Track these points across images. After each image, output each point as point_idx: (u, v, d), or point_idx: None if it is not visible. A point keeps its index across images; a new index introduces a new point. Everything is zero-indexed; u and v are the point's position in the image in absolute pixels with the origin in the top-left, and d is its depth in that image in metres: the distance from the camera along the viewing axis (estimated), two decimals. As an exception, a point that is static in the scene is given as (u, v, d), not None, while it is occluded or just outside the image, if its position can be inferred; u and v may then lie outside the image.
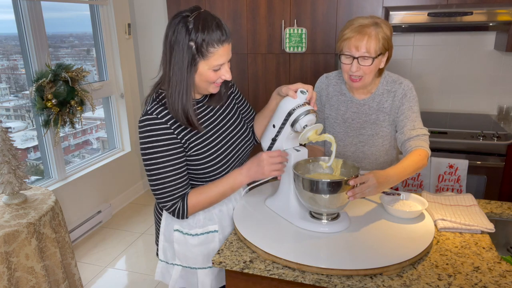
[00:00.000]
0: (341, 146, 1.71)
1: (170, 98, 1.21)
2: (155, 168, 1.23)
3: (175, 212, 1.28)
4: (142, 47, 3.70)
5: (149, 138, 1.21)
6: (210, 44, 1.14)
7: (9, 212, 1.89)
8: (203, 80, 1.21)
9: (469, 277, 1.10)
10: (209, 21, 1.14)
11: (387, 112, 1.63)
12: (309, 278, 1.12)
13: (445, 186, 2.46)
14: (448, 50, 2.97)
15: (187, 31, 1.13)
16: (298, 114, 1.27)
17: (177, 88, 1.18)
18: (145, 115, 1.22)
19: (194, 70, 1.17)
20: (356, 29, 1.47)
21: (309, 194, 1.25)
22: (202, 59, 1.16)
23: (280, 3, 2.88)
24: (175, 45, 1.15)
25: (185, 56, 1.15)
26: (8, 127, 2.04)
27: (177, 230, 1.37)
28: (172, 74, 1.18)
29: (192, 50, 1.14)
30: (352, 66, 1.51)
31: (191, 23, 1.13)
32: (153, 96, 1.27)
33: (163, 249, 1.42)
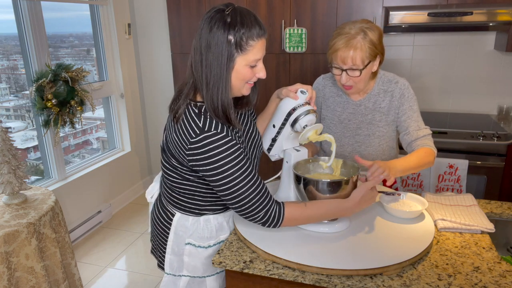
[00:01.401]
0: (338, 146, 1.71)
1: (209, 98, 1.15)
2: (237, 183, 1.15)
3: (271, 217, 1.18)
4: (142, 47, 3.70)
5: (218, 155, 1.13)
6: (250, 37, 1.11)
7: (9, 212, 1.89)
8: (239, 78, 1.16)
9: (469, 277, 1.10)
10: (246, 15, 1.11)
11: (384, 112, 1.63)
12: (309, 278, 1.12)
13: (445, 186, 2.46)
14: (448, 50, 2.97)
15: (225, 25, 1.09)
16: (298, 114, 1.27)
17: (216, 85, 1.13)
18: (201, 133, 1.13)
19: (232, 67, 1.13)
20: (343, 41, 1.45)
21: (309, 194, 1.25)
22: (241, 54, 1.12)
23: (280, 3, 2.88)
24: (212, 41, 1.10)
25: (224, 51, 1.10)
26: (8, 127, 2.04)
27: (189, 243, 1.33)
28: (209, 72, 1.13)
29: (231, 44, 1.10)
30: (341, 78, 1.51)
31: (228, 17, 1.10)
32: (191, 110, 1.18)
33: (169, 262, 1.37)
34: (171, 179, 1.30)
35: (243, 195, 1.16)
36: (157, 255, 1.47)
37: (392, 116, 1.63)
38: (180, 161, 1.22)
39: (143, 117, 3.87)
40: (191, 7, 3.09)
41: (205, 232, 1.33)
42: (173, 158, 1.24)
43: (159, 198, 1.44)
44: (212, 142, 1.13)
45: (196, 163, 1.16)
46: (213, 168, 1.14)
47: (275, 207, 1.19)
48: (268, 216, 1.18)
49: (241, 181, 1.15)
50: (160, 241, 1.41)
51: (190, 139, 1.14)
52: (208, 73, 1.13)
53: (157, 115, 3.85)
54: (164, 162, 1.30)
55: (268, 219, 1.19)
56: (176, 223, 1.34)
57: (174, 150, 1.22)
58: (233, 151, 1.15)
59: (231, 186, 1.15)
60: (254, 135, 1.35)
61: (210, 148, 1.13)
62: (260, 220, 1.19)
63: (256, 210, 1.17)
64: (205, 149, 1.13)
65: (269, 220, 1.19)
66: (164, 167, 1.31)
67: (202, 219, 1.33)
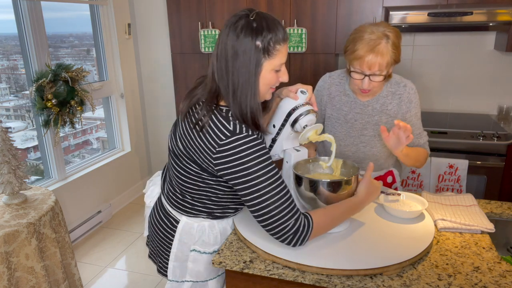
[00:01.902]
0: (341, 146, 1.71)
1: (237, 104, 1.13)
2: (263, 188, 1.11)
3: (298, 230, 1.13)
4: (142, 47, 3.70)
5: (249, 157, 1.10)
6: (276, 42, 1.11)
7: (9, 212, 1.89)
8: (265, 83, 1.15)
9: (469, 277, 1.10)
10: (271, 20, 1.12)
11: (391, 115, 1.63)
12: (309, 278, 1.12)
13: (445, 186, 2.46)
14: (448, 50, 2.97)
15: (252, 31, 1.08)
16: (299, 114, 1.27)
17: (245, 92, 1.12)
18: (232, 136, 1.11)
19: (259, 72, 1.12)
20: (368, 47, 1.43)
21: (309, 194, 1.25)
22: (268, 59, 1.12)
23: (280, 3, 2.88)
24: (239, 48, 1.09)
25: (252, 57, 1.09)
26: (8, 127, 2.04)
27: (194, 250, 1.31)
28: (237, 79, 1.11)
29: (259, 49, 1.09)
30: (363, 83, 1.50)
31: (254, 22, 1.09)
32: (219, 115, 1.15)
33: (172, 269, 1.36)
34: (185, 184, 1.27)
35: (270, 201, 1.11)
36: (157, 260, 1.46)
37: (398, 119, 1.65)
38: (204, 167, 1.19)
39: (143, 117, 3.87)
40: (191, 7, 3.09)
41: (210, 238, 1.33)
42: (193, 164, 1.22)
43: (159, 203, 1.42)
44: (244, 144, 1.10)
45: (224, 166, 1.12)
46: (242, 171, 1.11)
47: (303, 216, 1.15)
48: (298, 225, 1.13)
49: (269, 186, 1.11)
50: (161, 247, 1.40)
51: (219, 141, 1.12)
52: (235, 80, 1.12)
53: (157, 115, 3.85)
54: (178, 167, 1.27)
55: (298, 229, 1.13)
56: (181, 231, 1.33)
57: (197, 156, 1.18)
58: (263, 154, 1.13)
59: (260, 193, 1.11)
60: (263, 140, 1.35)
61: (241, 150, 1.10)
62: (289, 231, 1.12)
63: (285, 219, 1.12)
64: (236, 150, 1.10)
65: (299, 230, 1.13)
66: (178, 172, 1.28)
67: (207, 224, 1.33)
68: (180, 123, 1.27)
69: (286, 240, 1.15)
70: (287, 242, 1.15)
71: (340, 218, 1.22)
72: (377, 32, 1.44)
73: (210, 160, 1.15)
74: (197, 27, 3.11)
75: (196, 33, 3.13)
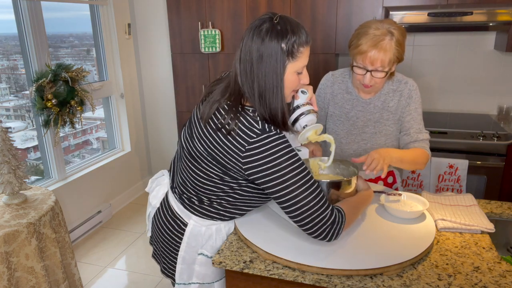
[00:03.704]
0: (343, 143, 1.72)
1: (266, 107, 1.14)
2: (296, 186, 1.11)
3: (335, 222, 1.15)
4: (142, 47, 3.70)
5: (279, 154, 1.11)
6: (300, 44, 1.12)
7: (9, 212, 1.89)
8: (287, 86, 1.16)
9: (469, 277, 1.10)
10: (294, 23, 1.13)
11: (392, 111, 1.64)
12: (309, 278, 1.12)
13: (445, 186, 2.46)
14: (448, 50, 2.97)
15: (277, 34, 1.10)
16: (299, 114, 1.27)
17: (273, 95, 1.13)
18: (263, 133, 1.11)
19: (284, 74, 1.13)
20: (371, 42, 1.44)
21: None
22: (292, 61, 1.13)
23: (280, 3, 2.88)
24: (265, 51, 1.10)
25: (278, 60, 1.11)
26: (8, 127, 2.04)
27: (202, 254, 1.32)
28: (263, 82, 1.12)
29: (284, 52, 1.11)
30: (365, 79, 1.51)
31: (278, 25, 1.10)
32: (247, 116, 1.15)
33: (180, 271, 1.36)
34: (204, 186, 1.26)
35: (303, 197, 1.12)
36: (160, 261, 1.46)
37: (398, 115, 1.65)
38: (228, 169, 1.19)
39: (143, 117, 3.87)
40: (191, 7, 3.09)
41: (218, 242, 1.33)
42: (217, 167, 1.21)
43: (166, 204, 1.40)
44: (273, 141, 1.11)
45: (254, 164, 1.12)
46: (273, 168, 1.11)
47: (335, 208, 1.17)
48: (334, 217, 1.14)
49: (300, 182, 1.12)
50: (167, 249, 1.39)
51: (250, 139, 1.12)
52: (261, 83, 1.12)
53: (157, 115, 3.85)
54: (196, 169, 1.26)
55: (334, 221, 1.14)
56: (189, 234, 1.32)
57: (223, 159, 1.17)
58: (291, 151, 1.13)
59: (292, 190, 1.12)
60: None
61: (271, 147, 1.10)
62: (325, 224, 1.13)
63: (320, 212, 1.13)
64: (266, 148, 1.10)
65: (335, 222, 1.15)
66: (195, 174, 1.26)
67: (215, 228, 1.32)
68: (198, 126, 1.25)
69: (323, 234, 1.15)
70: (324, 235, 1.15)
71: (360, 208, 1.28)
72: (382, 29, 1.45)
73: (239, 159, 1.14)
74: (197, 27, 3.11)
75: (196, 33, 3.13)
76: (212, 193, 1.26)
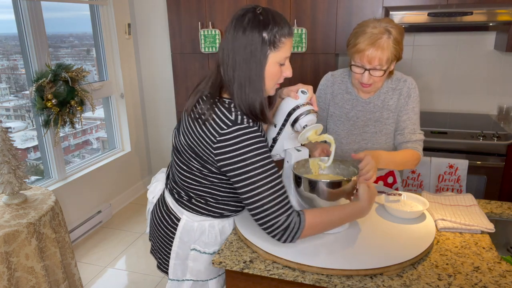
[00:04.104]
0: (343, 144, 1.72)
1: (243, 96, 1.15)
2: (259, 180, 1.12)
3: (288, 227, 1.13)
4: (142, 47, 3.70)
5: (246, 148, 1.11)
6: (282, 35, 1.13)
7: (9, 212, 1.89)
8: (269, 77, 1.17)
9: (469, 277, 1.10)
10: (276, 14, 1.15)
11: (391, 110, 1.64)
12: (309, 278, 1.12)
13: (445, 186, 2.46)
14: (448, 50, 2.97)
15: (259, 23, 1.11)
16: (299, 114, 1.27)
17: (252, 83, 1.14)
18: (234, 125, 1.12)
19: (265, 64, 1.14)
20: (369, 41, 1.44)
21: (308, 194, 1.25)
22: (273, 51, 1.14)
23: (280, 3, 2.88)
24: (246, 41, 1.12)
25: (258, 49, 1.12)
26: (8, 127, 2.04)
27: (194, 249, 1.33)
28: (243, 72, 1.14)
29: (265, 41, 1.12)
30: (363, 77, 1.51)
31: (261, 16, 1.12)
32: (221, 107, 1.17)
33: (174, 267, 1.37)
34: (188, 181, 1.28)
35: (263, 194, 1.12)
36: (157, 256, 1.47)
37: (397, 113, 1.65)
38: (204, 160, 1.20)
39: (143, 117, 3.87)
40: (191, 7, 3.09)
41: (210, 238, 1.33)
42: (195, 159, 1.23)
43: (162, 199, 1.42)
44: (245, 134, 1.12)
45: (223, 156, 1.13)
46: (240, 162, 1.12)
47: (295, 214, 1.15)
48: (288, 223, 1.13)
49: (264, 180, 1.12)
50: (162, 244, 1.40)
51: (221, 131, 1.13)
52: (241, 72, 1.14)
53: (157, 115, 3.85)
54: (181, 163, 1.28)
55: (288, 227, 1.13)
56: (182, 229, 1.33)
57: (198, 149, 1.19)
58: (262, 146, 1.14)
59: (254, 185, 1.12)
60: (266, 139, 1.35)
61: (241, 140, 1.11)
62: (279, 228, 1.13)
63: (276, 214, 1.13)
64: (236, 140, 1.12)
65: (289, 228, 1.14)
66: (180, 168, 1.29)
67: (208, 224, 1.33)
68: (184, 119, 1.28)
69: (276, 236, 1.16)
70: (277, 238, 1.16)
71: (338, 222, 1.22)
72: (379, 27, 1.45)
73: (211, 150, 1.16)
74: (197, 27, 3.11)
75: (196, 33, 3.13)
76: (195, 187, 1.28)
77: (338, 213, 1.20)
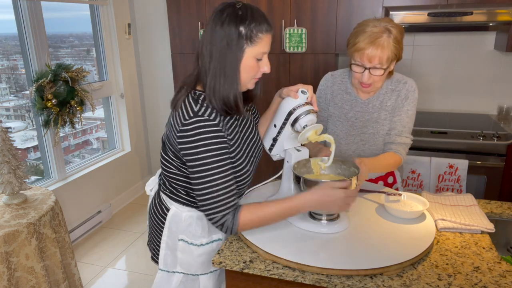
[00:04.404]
0: (342, 144, 1.72)
1: (216, 88, 1.17)
2: (208, 175, 1.16)
3: (223, 226, 1.19)
4: (142, 47, 3.70)
5: (202, 141, 1.15)
6: (259, 30, 1.16)
7: (9, 212, 1.89)
8: (246, 71, 1.20)
9: (469, 277, 1.10)
10: (256, 10, 1.18)
11: (389, 111, 1.64)
12: (309, 278, 1.12)
13: (445, 186, 2.46)
14: (448, 50, 2.97)
15: (236, 17, 1.15)
16: (299, 114, 1.27)
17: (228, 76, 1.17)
18: (195, 117, 1.16)
19: (241, 58, 1.17)
20: (369, 39, 1.44)
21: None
22: (250, 45, 1.16)
23: (280, 3, 2.88)
24: (223, 34, 1.15)
25: (235, 42, 1.15)
26: (8, 127, 2.04)
27: (182, 240, 1.34)
28: (219, 64, 1.17)
29: (242, 36, 1.15)
30: (363, 76, 1.51)
31: (239, 11, 1.15)
32: (190, 98, 1.21)
33: (164, 257, 1.38)
34: (167, 170, 1.32)
35: (207, 190, 1.17)
36: (151, 247, 1.49)
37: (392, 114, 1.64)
38: (174, 149, 1.24)
39: (143, 117, 3.87)
40: (191, 7, 3.09)
41: (198, 230, 1.34)
42: (170, 149, 1.28)
43: (157, 191, 1.46)
44: (202, 127, 1.15)
45: (183, 146, 1.18)
46: (195, 153, 1.16)
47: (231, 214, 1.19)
48: (223, 221, 1.18)
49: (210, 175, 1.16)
50: (155, 234, 1.43)
51: (183, 120, 1.17)
52: (217, 64, 1.16)
53: (157, 115, 3.85)
54: (163, 153, 1.33)
55: (223, 224, 1.19)
56: (170, 218, 1.35)
57: (170, 138, 1.25)
58: (218, 142, 1.17)
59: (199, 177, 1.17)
60: (253, 136, 1.36)
61: (197, 132, 1.15)
62: (216, 223, 1.19)
63: (214, 211, 1.18)
64: (193, 132, 1.15)
65: (223, 226, 1.19)
66: (162, 159, 1.34)
67: (196, 216, 1.34)
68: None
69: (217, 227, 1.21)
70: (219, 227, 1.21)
71: (277, 217, 1.22)
72: (379, 26, 1.45)
73: (176, 139, 1.20)
74: (197, 27, 3.11)
75: (196, 33, 3.13)
76: (174, 178, 1.32)
77: (275, 209, 1.21)
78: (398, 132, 1.62)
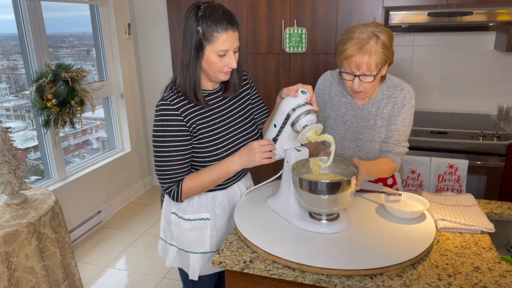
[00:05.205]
0: (339, 148, 1.70)
1: (182, 76, 1.33)
2: (161, 151, 1.34)
3: (171, 194, 1.39)
4: (142, 47, 3.70)
5: (161, 122, 1.33)
6: (214, 30, 1.26)
7: (9, 212, 1.89)
8: (210, 65, 1.31)
9: (469, 277, 1.10)
10: (216, 10, 1.28)
11: (385, 118, 1.60)
12: (309, 278, 1.12)
13: (445, 186, 2.47)
14: (448, 50, 2.97)
15: (196, 18, 1.27)
16: (298, 114, 1.27)
17: (189, 67, 1.31)
18: (161, 101, 1.36)
19: (202, 54, 1.30)
20: (356, 46, 1.42)
21: (308, 195, 1.25)
22: (208, 44, 1.28)
23: (280, 3, 2.88)
24: (186, 30, 1.30)
25: (193, 39, 1.28)
26: (8, 127, 2.04)
27: (174, 213, 1.49)
28: (184, 56, 1.32)
29: (199, 34, 1.27)
30: (354, 84, 1.48)
31: (201, 11, 1.27)
32: (171, 85, 1.41)
33: (163, 229, 1.55)
34: None
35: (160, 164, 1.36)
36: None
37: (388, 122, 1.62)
38: None
39: (143, 117, 3.87)
40: (191, 7, 3.09)
41: (188, 205, 1.47)
42: None
43: None
44: (163, 110, 1.33)
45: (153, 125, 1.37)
46: (154, 131, 1.35)
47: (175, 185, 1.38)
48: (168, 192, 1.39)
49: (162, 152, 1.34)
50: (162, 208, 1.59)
51: (158, 102, 1.37)
52: (183, 55, 1.32)
53: (157, 115, 3.85)
54: None
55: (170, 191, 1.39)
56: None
57: None
58: (174, 125, 1.32)
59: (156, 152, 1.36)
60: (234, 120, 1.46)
61: (159, 114, 1.34)
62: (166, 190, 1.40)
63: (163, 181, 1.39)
64: (157, 113, 1.35)
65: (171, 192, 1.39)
66: None
67: None
68: None
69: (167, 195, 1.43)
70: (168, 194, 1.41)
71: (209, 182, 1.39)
72: (366, 32, 1.42)
73: None
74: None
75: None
76: None
77: (209, 175, 1.38)
78: (395, 142, 1.61)
